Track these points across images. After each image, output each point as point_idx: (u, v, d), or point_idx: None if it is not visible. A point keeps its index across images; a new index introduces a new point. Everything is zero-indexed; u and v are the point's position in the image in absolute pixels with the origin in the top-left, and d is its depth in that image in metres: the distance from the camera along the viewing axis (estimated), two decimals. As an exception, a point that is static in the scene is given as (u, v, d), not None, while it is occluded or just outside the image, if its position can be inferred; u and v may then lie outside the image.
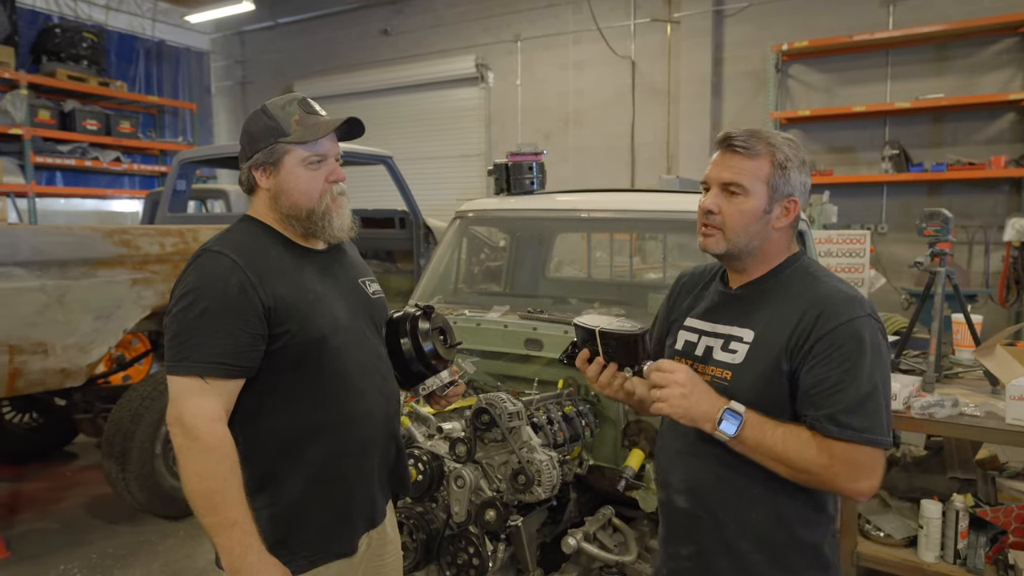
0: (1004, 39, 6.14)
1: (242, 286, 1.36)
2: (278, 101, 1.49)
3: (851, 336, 1.28)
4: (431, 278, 3.36)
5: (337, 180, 1.51)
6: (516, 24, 8.54)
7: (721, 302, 1.48)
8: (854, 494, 1.30)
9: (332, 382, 1.46)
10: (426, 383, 1.68)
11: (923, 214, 2.87)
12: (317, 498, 1.45)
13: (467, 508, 2.14)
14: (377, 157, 5.37)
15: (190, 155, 5.56)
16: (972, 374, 2.92)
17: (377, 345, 1.61)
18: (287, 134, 1.45)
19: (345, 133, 1.55)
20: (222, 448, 1.32)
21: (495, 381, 2.72)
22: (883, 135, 6.65)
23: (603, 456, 2.51)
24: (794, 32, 6.79)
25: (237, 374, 1.36)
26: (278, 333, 1.39)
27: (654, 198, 3.19)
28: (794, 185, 1.39)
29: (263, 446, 1.42)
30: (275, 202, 1.48)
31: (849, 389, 1.26)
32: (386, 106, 9.51)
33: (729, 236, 1.39)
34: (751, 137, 1.38)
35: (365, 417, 1.50)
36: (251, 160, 1.48)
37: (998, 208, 6.24)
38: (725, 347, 1.41)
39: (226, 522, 1.30)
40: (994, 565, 2.41)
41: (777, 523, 1.37)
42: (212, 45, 10.97)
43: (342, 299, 1.53)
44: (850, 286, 1.38)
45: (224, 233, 1.49)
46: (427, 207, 6.09)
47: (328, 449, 1.45)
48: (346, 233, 1.55)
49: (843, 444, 1.25)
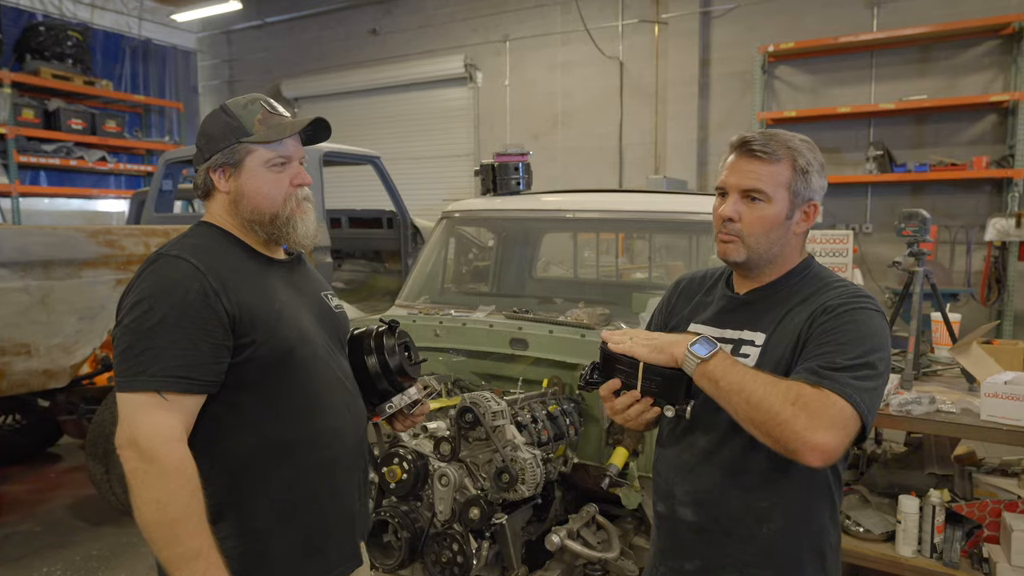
0: (986, 41, 6.23)
1: (204, 292, 1.25)
2: (239, 100, 1.41)
3: (855, 318, 1.25)
4: (418, 278, 3.37)
5: (302, 184, 1.42)
6: (505, 24, 8.55)
7: (729, 307, 1.44)
8: (806, 448, 1.13)
9: (299, 398, 1.35)
10: (392, 401, 1.58)
11: (902, 215, 2.91)
12: (285, 525, 1.34)
13: (451, 506, 2.16)
14: (365, 157, 5.38)
15: (176, 155, 5.54)
16: (950, 372, 2.96)
17: (343, 361, 1.51)
18: (250, 134, 1.36)
19: (310, 136, 1.47)
20: (183, 471, 1.19)
21: (480, 380, 2.74)
22: (867, 136, 6.72)
23: (587, 454, 2.54)
24: (780, 33, 6.85)
25: (199, 389, 1.24)
26: (243, 344, 1.28)
27: (640, 198, 3.22)
28: (815, 189, 1.36)
29: (225, 469, 1.30)
30: (235, 206, 1.38)
31: (841, 355, 1.20)
32: (374, 106, 9.50)
33: (749, 243, 1.35)
34: (771, 141, 1.34)
35: (334, 435, 1.40)
36: (209, 162, 1.37)
37: (980, 208, 6.33)
38: (735, 352, 1.36)
39: (189, 553, 1.17)
40: (969, 558, 2.45)
41: (785, 537, 1.32)
42: (199, 44, 10.92)
43: (306, 310, 1.43)
44: (860, 288, 1.37)
45: (181, 237, 1.37)
46: (415, 207, 6.10)
47: (296, 470, 1.35)
48: (310, 241, 1.45)
49: (814, 390, 1.16)
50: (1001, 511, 2.46)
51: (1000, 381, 2.37)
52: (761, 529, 1.32)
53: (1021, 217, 5.76)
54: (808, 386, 1.17)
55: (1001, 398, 2.31)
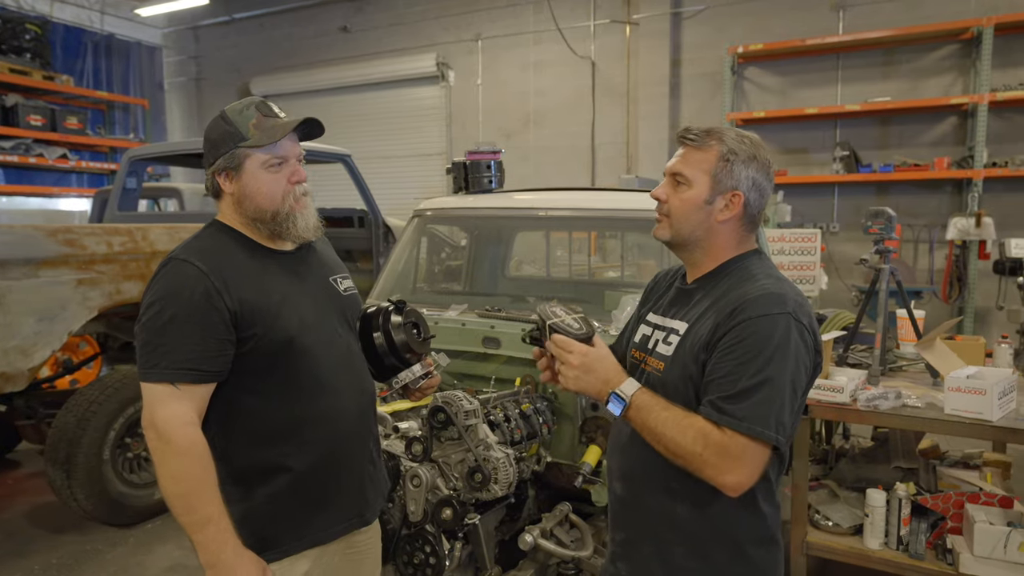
0: (947, 45, 6.38)
1: (208, 293, 1.40)
2: (236, 106, 1.52)
3: (756, 331, 1.28)
4: (389, 277, 3.33)
5: (299, 181, 1.53)
6: (477, 23, 8.53)
7: (675, 297, 1.52)
8: (719, 486, 1.27)
9: (303, 381, 1.49)
10: (400, 376, 1.71)
11: (868, 212, 2.96)
12: (292, 493, 1.49)
13: (423, 507, 2.13)
14: (335, 155, 5.31)
15: (140, 152, 5.40)
16: (915, 367, 3.02)
17: (350, 341, 1.63)
18: (246, 139, 1.47)
19: (305, 133, 1.57)
20: (194, 450, 1.37)
21: (452, 379, 2.72)
22: (834, 136, 6.84)
23: (561, 453, 2.53)
24: (749, 35, 6.94)
25: (207, 379, 1.41)
26: (245, 336, 1.43)
27: (611, 197, 3.22)
28: (738, 179, 1.40)
29: (238, 446, 1.46)
30: (239, 206, 1.51)
31: (739, 378, 1.26)
32: (345, 104, 9.40)
33: (674, 224, 1.44)
34: (704, 131, 1.43)
35: (339, 414, 1.54)
36: (214, 166, 1.50)
37: (942, 208, 6.48)
38: (664, 340, 1.46)
39: (201, 520, 1.35)
40: (934, 550, 2.50)
41: (700, 517, 1.38)
42: (164, 40, 10.69)
43: (309, 298, 1.55)
44: (783, 285, 1.36)
45: (191, 240, 1.52)
46: (387, 206, 6.04)
47: (302, 446, 1.49)
48: (312, 233, 1.57)
49: (719, 431, 1.24)
50: (964, 503, 2.52)
51: (963, 376, 2.43)
52: (675, 508, 1.40)
53: (980, 217, 5.91)
54: (714, 428, 1.26)
55: (964, 392, 2.37)
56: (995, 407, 2.32)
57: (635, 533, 1.48)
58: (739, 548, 1.39)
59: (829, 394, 2.54)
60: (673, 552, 1.41)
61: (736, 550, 1.39)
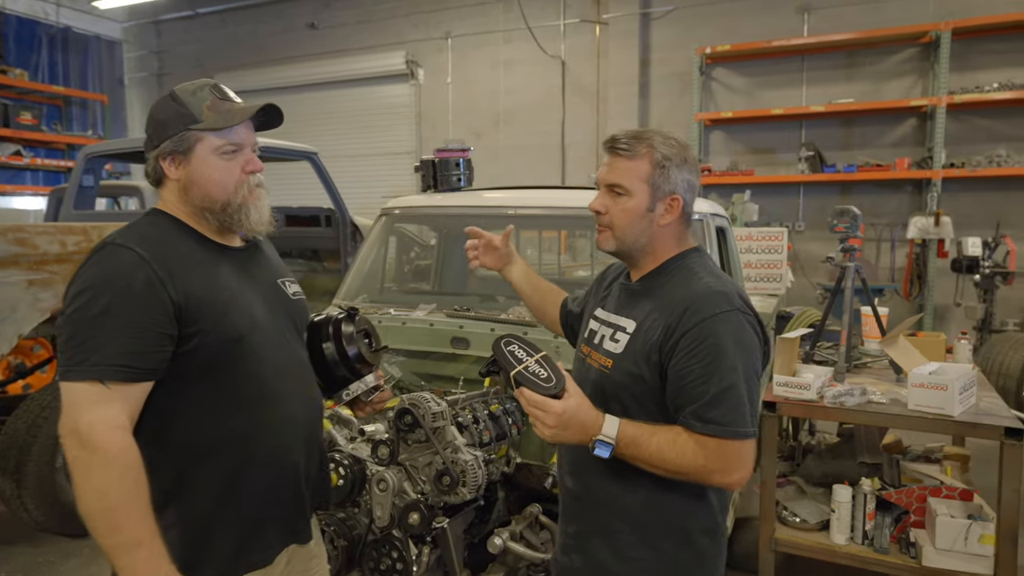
0: (906, 49, 6.53)
1: (149, 281, 1.24)
2: (188, 86, 1.39)
3: (712, 331, 1.33)
4: (356, 276, 3.27)
5: (254, 171, 1.41)
6: (446, 21, 8.47)
7: (620, 294, 1.56)
8: (728, 486, 1.37)
9: (249, 386, 1.35)
10: (350, 388, 1.60)
11: (834, 211, 3.00)
12: (231, 513, 1.35)
13: (390, 512, 2.08)
14: (302, 153, 5.21)
15: (97, 148, 5.23)
16: (879, 363, 3.07)
17: (298, 349, 1.51)
18: (199, 121, 1.35)
19: (263, 123, 1.45)
20: (126, 459, 1.20)
21: (420, 381, 2.67)
22: (799, 137, 6.95)
23: (530, 454, 2.50)
24: (717, 36, 7.01)
25: (143, 377, 1.24)
26: (189, 333, 1.28)
27: (581, 195, 3.20)
28: (675, 183, 1.44)
29: (171, 457, 1.30)
30: (186, 194, 1.37)
31: (711, 383, 1.31)
32: (313, 102, 9.26)
33: (617, 234, 1.47)
34: (632, 139, 1.44)
35: (285, 424, 1.41)
36: (158, 149, 1.36)
37: (902, 207, 6.63)
38: (612, 336, 1.48)
39: (130, 542, 1.18)
40: (898, 543, 2.54)
41: (651, 507, 1.42)
42: (124, 34, 10.41)
43: (260, 298, 1.42)
44: (725, 283, 1.42)
45: (129, 226, 1.35)
46: (355, 205, 5.95)
47: (244, 459, 1.35)
48: (265, 227, 1.44)
49: (712, 440, 1.31)
50: (926, 496, 2.56)
51: (925, 372, 2.47)
52: (626, 499, 1.43)
53: (939, 216, 6.06)
54: (705, 438, 1.32)
55: (927, 388, 2.40)
56: (956, 402, 2.36)
57: (587, 525, 1.51)
58: (688, 537, 1.44)
59: (797, 391, 2.56)
60: (624, 542, 1.45)
61: (685, 538, 1.44)
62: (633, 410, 1.42)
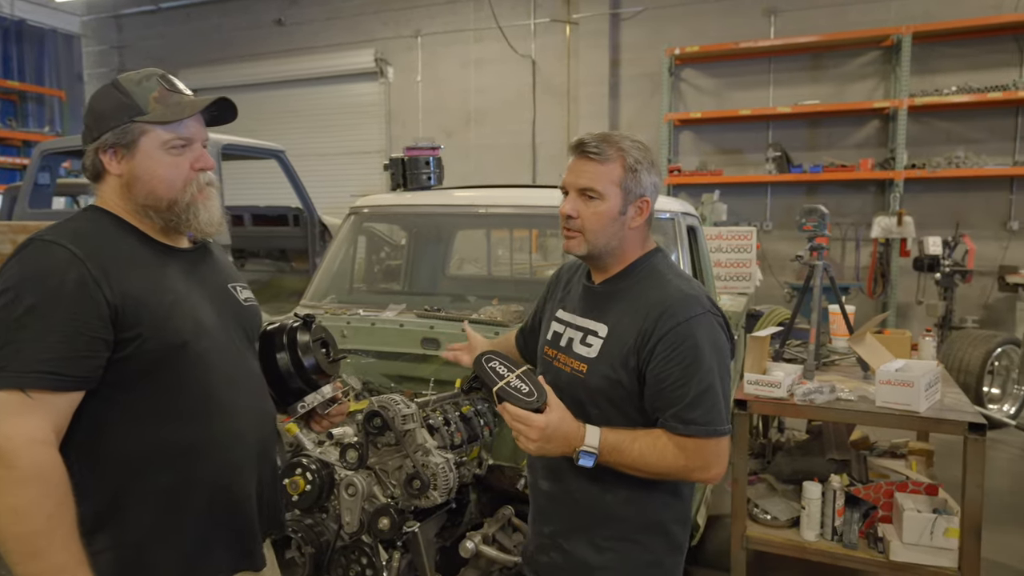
0: (869, 52, 6.66)
1: (81, 280, 1.13)
2: (133, 75, 1.29)
3: (688, 335, 1.37)
4: (324, 277, 3.21)
5: (204, 168, 1.31)
6: (416, 20, 8.40)
7: (584, 296, 1.56)
8: (707, 481, 1.46)
9: (193, 397, 1.25)
10: (305, 400, 1.50)
11: (802, 210, 3.03)
12: (172, 537, 1.23)
13: (359, 517, 2.04)
14: (269, 151, 5.12)
15: (53, 145, 5.09)
16: (847, 361, 3.11)
17: (249, 358, 1.41)
18: (144, 112, 1.25)
19: (215, 117, 1.35)
20: (49, 477, 1.08)
21: (390, 383, 2.63)
22: (767, 137, 7.04)
23: (503, 455, 2.47)
24: (686, 37, 7.07)
25: (71, 386, 1.13)
26: (127, 338, 1.17)
27: (550, 194, 3.18)
28: (645, 186, 1.47)
29: (104, 475, 1.18)
30: (128, 190, 1.27)
31: (690, 386, 1.36)
32: (280, 99, 9.11)
33: (589, 238, 1.47)
34: (602, 142, 1.45)
35: (234, 439, 1.30)
36: (99, 141, 1.26)
37: (866, 207, 6.76)
38: (583, 340, 1.49)
39: (51, 570, 1.06)
40: (866, 539, 2.57)
41: (630, 504, 1.46)
42: (83, 28, 10.12)
43: (208, 303, 1.32)
44: (692, 285, 1.47)
45: (62, 222, 1.24)
46: (324, 205, 5.86)
47: (187, 477, 1.24)
48: (215, 228, 1.35)
49: (692, 440, 1.36)
50: (893, 492, 2.60)
51: (892, 369, 2.50)
52: (605, 498, 1.47)
53: (902, 216, 6.19)
54: (685, 439, 1.37)
55: (893, 385, 2.43)
56: (922, 398, 2.39)
57: (565, 525, 1.53)
58: (664, 528, 1.51)
59: (767, 389, 2.58)
60: (603, 536, 1.48)
61: (661, 529, 1.50)
62: (611, 414, 1.44)
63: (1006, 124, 6.29)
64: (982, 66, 6.25)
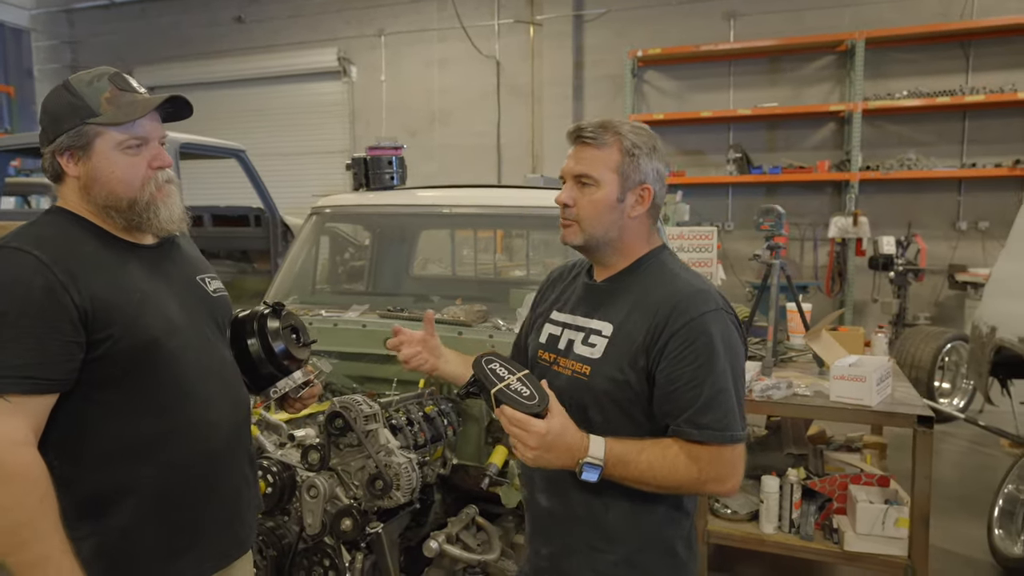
0: (825, 56, 6.84)
1: (49, 287, 1.17)
2: (84, 75, 1.30)
3: (701, 332, 1.28)
4: (286, 277, 3.17)
5: (162, 166, 1.33)
6: (379, 19, 8.34)
7: (585, 295, 1.46)
8: (722, 494, 1.35)
9: (167, 391, 1.29)
10: (277, 385, 1.56)
11: (760, 210, 3.10)
12: (153, 523, 1.29)
13: (322, 519, 2.02)
14: (229, 150, 5.03)
15: (1, 143, 4.90)
16: (804, 357, 3.19)
17: (221, 348, 1.46)
18: (97, 114, 1.26)
19: (170, 114, 1.36)
20: (29, 475, 1.14)
21: (352, 383, 2.61)
22: (727, 139, 7.17)
23: (467, 454, 2.48)
24: (648, 40, 7.16)
25: (46, 388, 1.18)
26: (99, 339, 1.21)
27: (514, 194, 3.19)
28: (645, 172, 1.37)
29: (85, 469, 1.24)
30: (88, 192, 1.29)
31: (703, 387, 1.26)
32: (241, 98, 8.95)
33: (585, 227, 1.38)
34: (599, 127, 1.37)
35: (209, 429, 1.35)
36: (54, 144, 1.28)
37: (823, 208, 6.94)
38: (585, 341, 1.39)
39: (37, 560, 1.14)
40: (822, 530, 2.64)
41: (632, 524, 1.36)
42: (33, 22, 9.79)
43: (175, 298, 1.36)
44: (704, 281, 1.38)
45: (25, 227, 1.27)
46: (286, 204, 5.78)
47: (164, 466, 1.29)
48: (176, 225, 1.37)
49: (706, 448, 1.26)
50: (847, 484, 2.67)
51: (846, 364, 2.57)
52: (607, 515, 1.36)
53: (857, 216, 6.37)
54: (698, 447, 1.26)
55: (847, 380, 2.51)
56: (874, 393, 2.47)
57: (563, 545, 1.43)
58: (669, 547, 1.39)
59: (726, 385, 2.63)
60: (605, 561, 1.37)
61: (666, 549, 1.39)
62: (616, 418, 1.34)
63: (954, 128, 6.52)
64: (931, 72, 6.48)
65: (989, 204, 6.41)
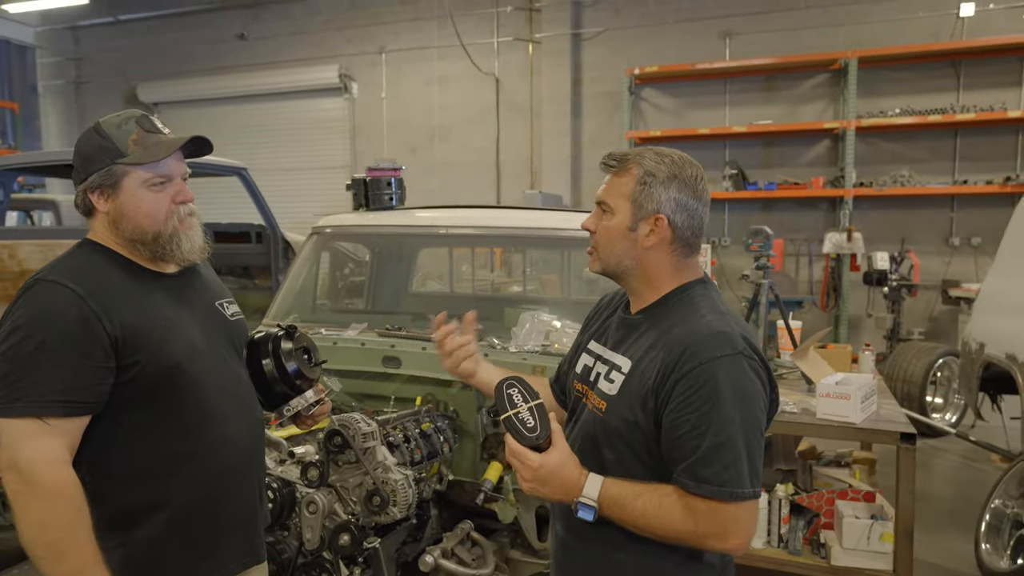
0: (819, 74, 6.95)
1: (84, 318, 1.28)
2: (113, 119, 1.42)
3: (709, 378, 1.20)
4: (287, 295, 3.24)
5: (184, 201, 1.45)
6: (380, 36, 8.46)
7: (617, 327, 1.43)
8: (727, 551, 1.26)
9: (190, 412, 1.40)
10: (291, 404, 1.65)
11: (749, 231, 3.18)
12: (176, 534, 1.39)
13: (320, 534, 2.08)
14: (231, 168, 5.10)
15: (6, 161, 4.98)
16: (793, 375, 3.25)
17: (237, 368, 1.56)
18: (124, 155, 1.37)
19: (192, 150, 1.48)
20: (65, 492, 1.25)
21: (352, 401, 2.67)
22: (723, 156, 7.27)
23: (463, 470, 2.54)
24: (645, 58, 7.27)
25: (80, 411, 1.29)
26: (128, 364, 1.32)
27: (511, 215, 3.28)
28: (660, 201, 1.31)
29: (115, 484, 1.35)
30: (116, 226, 1.41)
31: (705, 436, 1.19)
32: (243, 114, 9.07)
33: (600, 255, 1.37)
34: (622, 155, 1.37)
35: (227, 446, 1.46)
36: (86, 183, 1.39)
37: (818, 223, 7.02)
38: (607, 375, 1.36)
39: (72, 570, 1.24)
40: (810, 545, 2.69)
41: (643, 567, 1.31)
42: (38, 39, 9.92)
43: (197, 324, 1.47)
44: (730, 322, 1.28)
45: (60, 260, 1.39)
46: (288, 221, 5.86)
47: (186, 481, 1.40)
48: (197, 255, 1.49)
49: (704, 501, 1.19)
50: (835, 500, 2.73)
51: (832, 382, 2.64)
52: (619, 555, 1.32)
53: (851, 232, 6.45)
54: (697, 499, 1.19)
55: (833, 397, 2.57)
56: (859, 410, 2.53)
57: None
58: None
59: (716, 403, 2.69)
60: None
61: None
62: (628, 459, 1.29)
63: (946, 145, 6.62)
64: (923, 90, 6.58)
65: (982, 220, 6.49)
